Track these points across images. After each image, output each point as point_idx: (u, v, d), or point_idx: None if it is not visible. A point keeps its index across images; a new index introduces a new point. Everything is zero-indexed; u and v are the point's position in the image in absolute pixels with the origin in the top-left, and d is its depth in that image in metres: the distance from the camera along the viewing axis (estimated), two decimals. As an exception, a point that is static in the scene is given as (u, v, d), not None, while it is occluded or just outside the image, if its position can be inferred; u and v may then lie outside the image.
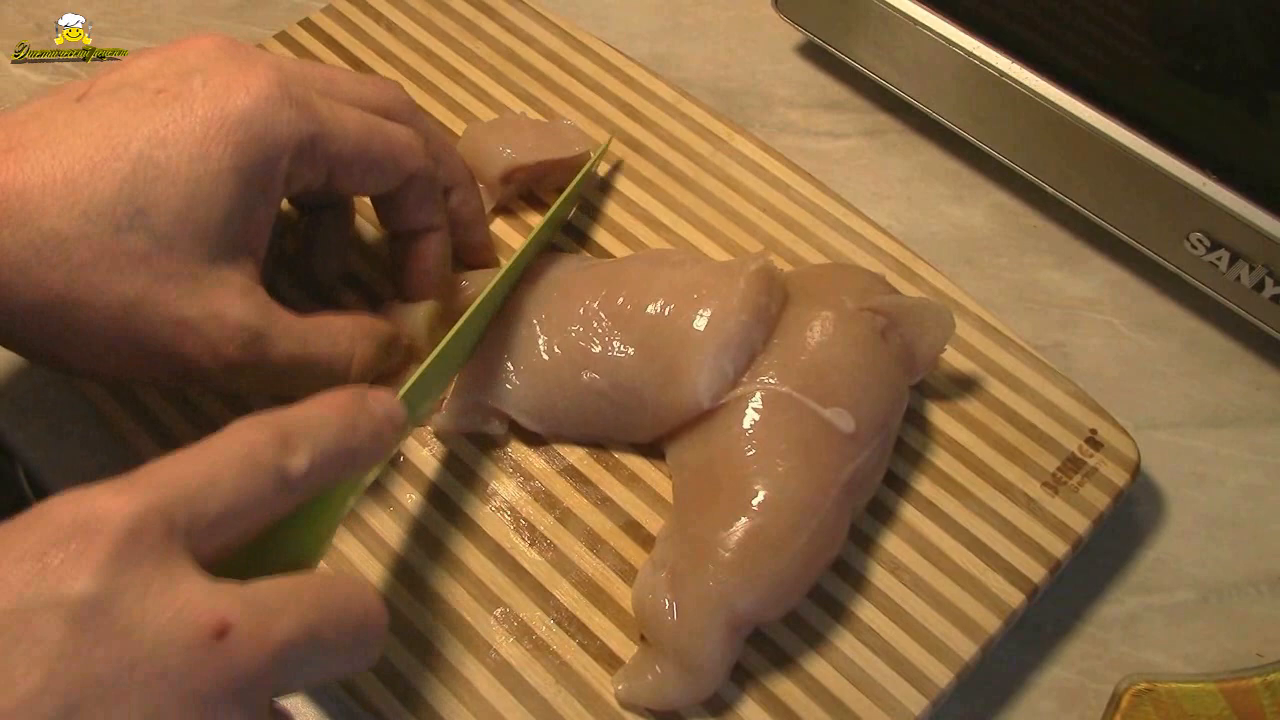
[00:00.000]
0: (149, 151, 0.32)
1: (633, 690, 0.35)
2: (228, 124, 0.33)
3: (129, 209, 0.32)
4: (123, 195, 0.32)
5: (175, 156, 0.32)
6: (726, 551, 0.35)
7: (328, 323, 0.36)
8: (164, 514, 0.24)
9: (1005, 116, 0.48)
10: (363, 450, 0.30)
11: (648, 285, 0.39)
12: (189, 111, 0.33)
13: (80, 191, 0.31)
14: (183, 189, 0.32)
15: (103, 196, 0.31)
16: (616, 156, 0.48)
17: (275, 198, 0.35)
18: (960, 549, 0.38)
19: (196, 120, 0.33)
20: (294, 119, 0.34)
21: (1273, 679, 0.37)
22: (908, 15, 0.48)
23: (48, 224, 0.31)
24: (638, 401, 0.38)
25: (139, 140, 0.32)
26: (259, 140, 0.33)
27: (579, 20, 0.52)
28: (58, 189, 0.31)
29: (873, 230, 0.46)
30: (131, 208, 0.32)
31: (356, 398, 0.30)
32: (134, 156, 0.32)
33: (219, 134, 0.33)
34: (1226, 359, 0.47)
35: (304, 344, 0.35)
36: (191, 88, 0.33)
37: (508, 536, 0.38)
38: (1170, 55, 0.44)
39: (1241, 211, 0.42)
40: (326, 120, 0.35)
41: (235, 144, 0.33)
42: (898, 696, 0.35)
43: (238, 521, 0.26)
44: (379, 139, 0.36)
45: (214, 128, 0.33)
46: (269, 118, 0.33)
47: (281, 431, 0.28)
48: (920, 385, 0.41)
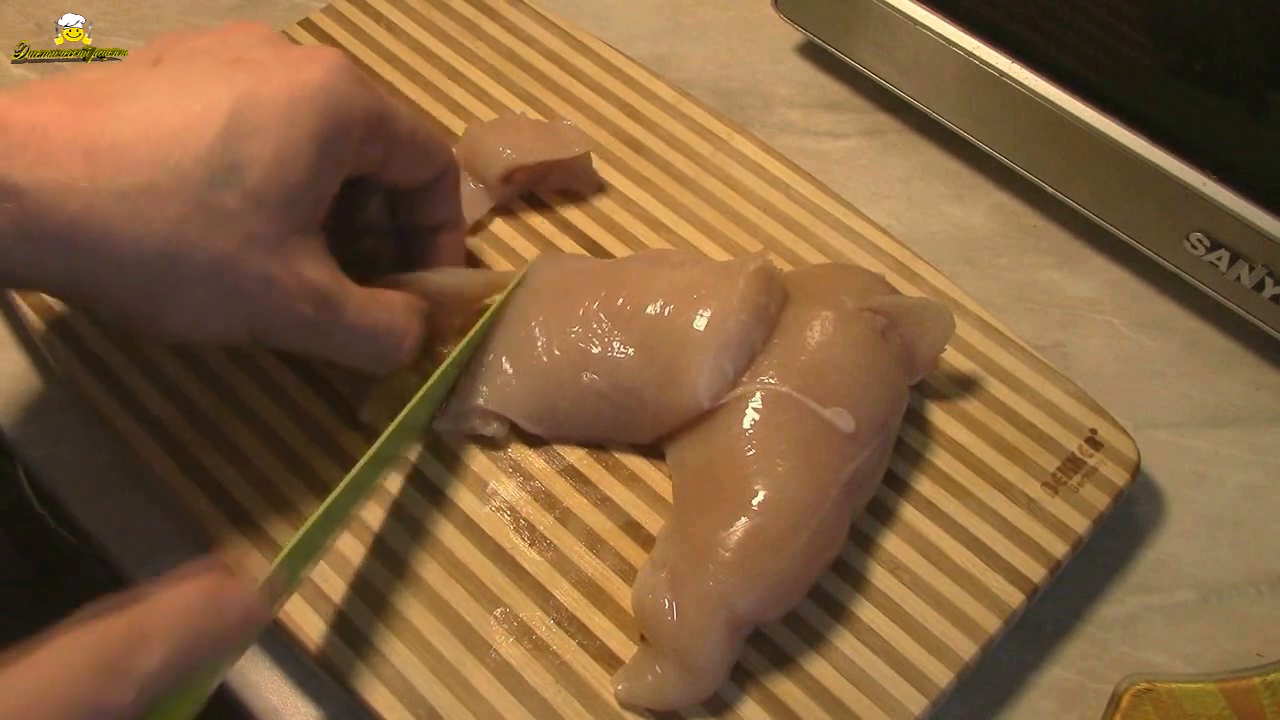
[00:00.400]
0: (242, 110, 0.32)
1: (633, 690, 0.35)
2: (310, 91, 0.33)
3: (223, 164, 0.32)
4: (215, 151, 0.32)
5: (267, 117, 0.32)
6: (726, 551, 0.35)
7: (386, 296, 0.37)
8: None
9: (1005, 116, 0.48)
10: (220, 642, 0.28)
11: (647, 285, 0.39)
12: (271, 77, 0.33)
13: (174, 145, 0.31)
14: (273, 148, 0.32)
15: (197, 151, 0.31)
16: (616, 157, 0.48)
17: (344, 170, 0.35)
18: (960, 549, 0.38)
19: (281, 86, 0.33)
20: (364, 95, 0.35)
21: (1273, 679, 0.37)
22: (908, 15, 0.48)
23: (143, 177, 0.31)
24: (638, 402, 0.38)
25: (230, 99, 0.32)
26: (336, 111, 0.34)
27: (579, 20, 0.52)
28: (151, 143, 0.31)
29: (873, 230, 0.46)
30: (225, 163, 0.32)
31: (211, 591, 0.28)
32: (226, 113, 0.32)
33: (304, 100, 0.33)
34: (1226, 359, 0.47)
35: (365, 313, 0.36)
36: (265, 58, 0.34)
37: (508, 536, 0.38)
38: (1170, 55, 0.44)
39: (1241, 211, 0.42)
40: (388, 101, 0.36)
41: (318, 110, 0.33)
42: (898, 696, 0.35)
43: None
44: (425, 126, 0.38)
45: (299, 94, 0.33)
46: (345, 90, 0.34)
47: (135, 621, 0.26)
48: (920, 385, 0.41)
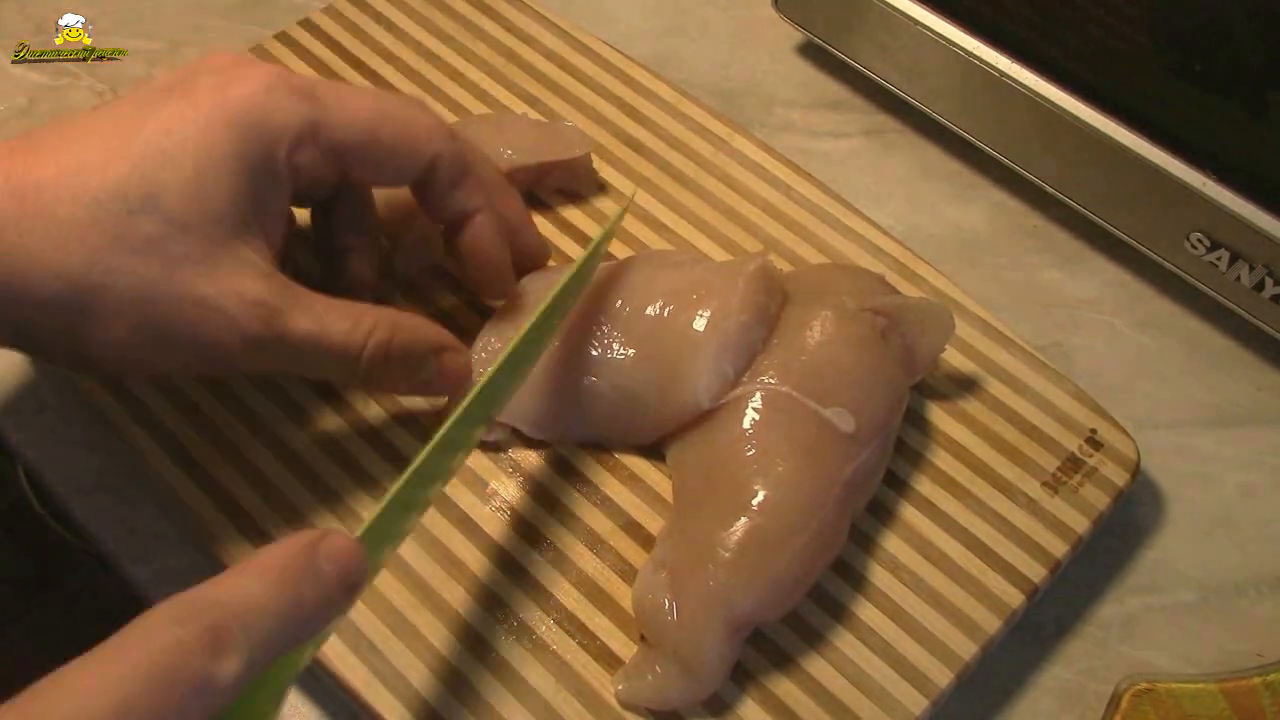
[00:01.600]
0: (156, 139, 0.33)
1: (633, 690, 0.35)
2: (227, 111, 0.34)
3: (139, 192, 0.32)
4: (132, 180, 0.32)
5: (180, 143, 0.33)
6: (727, 552, 0.35)
7: (350, 305, 0.36)
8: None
9: (1005, 116, 0.48)
10: (310, 625, 0.26)
11: (647, 288, 0.39)
12: (193, 105, 0.34)
13: (92, 178, 0.32)
14: (189, 173, 0.33)
15: (113, 181, 0.32)
16: (616, 157, 0.48)
17: (283, 185, 0.35)
18: (960, 549, 0.38)
19: (201, 111, 0.33)
20: (294, 106, 0.35)
21: (1273, 679, 0.37)
22: (908, 15, 0.48)
23: (63, 211, 0.32)
24: (639, 404, 0.38)
25: (146, 130, 0.33)
26: (258, 126, 0.34)
27: (579, 20, 0.52)
28: (71, 179, 0.32)
29: (873, 230, 0.46)
30: (141, 191, 0.32)
31: (305, 557, 0.26)
32: (142, 144, 0.33)
33: (220, 121, 0.33)
34: (1227, 359, 0.47)
35: (322, 322, 0.35)
36: (197, 84, 0.34)
37: (508, 536, 0.38)
38: (1170, 55, 0.44)
39: (1241, 211, 0.42)
40: (330, 107, 0.35)
41: (236, 130, 0.34)
42: (898, 696, 0.35)
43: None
44: (391, 123, 0.36)
45: (215, 116, 0.33)
46: (268, 105, 0.34)
47: (210, 627, 0.24)
48: (920, 385, 0.41)
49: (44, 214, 0.32)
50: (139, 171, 0.32)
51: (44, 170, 0.32)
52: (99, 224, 0.32)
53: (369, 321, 0.36)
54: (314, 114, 0.35)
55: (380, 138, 0.36)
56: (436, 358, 0.37)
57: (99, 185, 0.32)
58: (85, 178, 0.32)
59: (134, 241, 0.32)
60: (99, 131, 0.33)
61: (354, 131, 0.36)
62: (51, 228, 0.32)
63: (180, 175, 0.33)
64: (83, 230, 0.32)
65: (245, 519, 0.38)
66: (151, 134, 0.33)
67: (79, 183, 0.32)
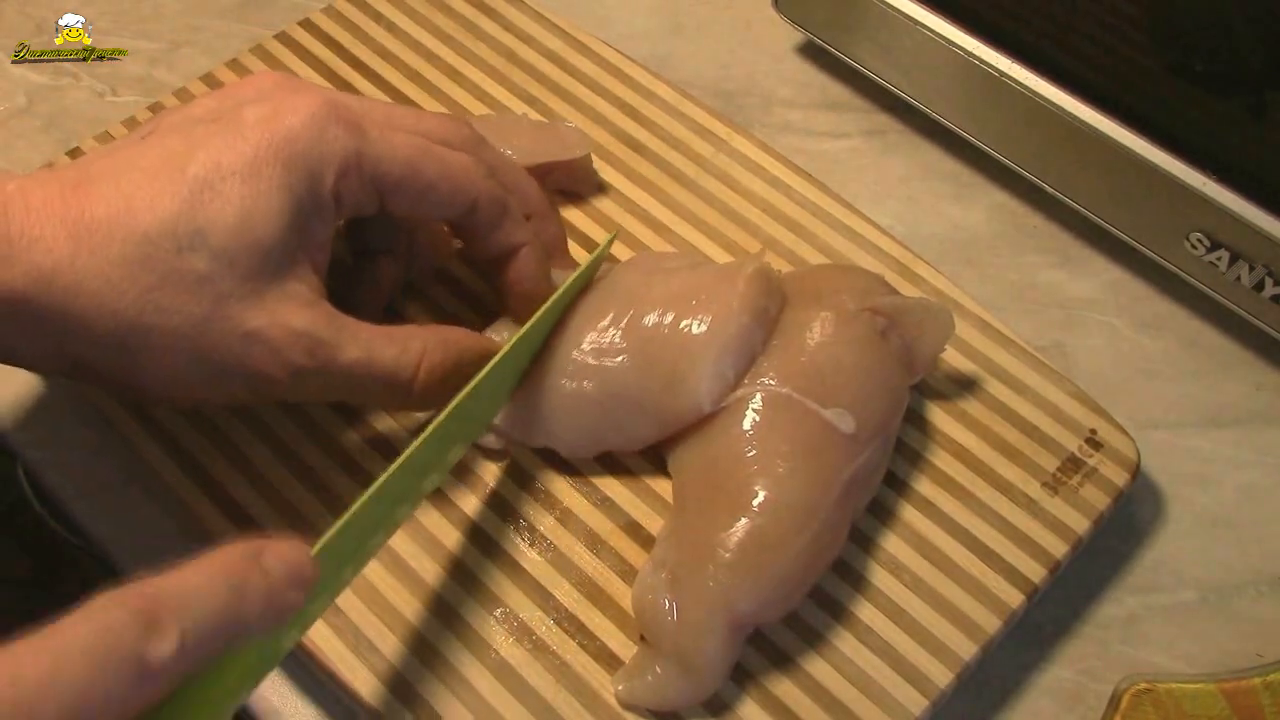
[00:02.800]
0: (203, 174, 0.33)
1: (633, 690, 0.35)
2: (275, 143, 0.34)
3: (188, 229, 0.33)
4: (182, 217, 0.33)
5: (229, 177, 0.33)
6: (727, 552, 0.35)
7: (395, 330, 0.36)
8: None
9: (1005, 116, 0.48)
10: (253, 619, 0.26)
11: (645, 293, 0.39)
12: (241, 137, 0.34)
13: (141, 216, 0.32)
14: (237, 207, 0.33)
15: (162, 219, 0.32)
16: (616, 157, 0.48)
17: (328, 215, 0.35)
18: (960, 549, 0.38)
19: (248, 144, 0.34)
20: (340, 136, 0.35)
21: (1273, 679, 0.37)
22: (908, 15, 0.48)
23: (115, 251, 0.32)
24: (638, 409, 0.38)
25: (194, 165, 0.33)
26: (304, 156, 0.34)
27: (579, 20, 0.52)
28: (121, 217, 0.32)
29: (873, 230, 0.46)
30: (190, 228, 0.33)
31: (247, 556, 0.27)
32: (190, 180, 0.33)
33: (268, 153, 0.34)
34: (1226, 359, 0.47)
35: (369, 350, 0.35)
36: (244, 116, 0.34)
37: (508, 536, 0.38)
38: (1170, 55, 0.44)
39: (1241, 211, 0.42)
40: (374, 140, 0.35)
41: (283, 161, 0.34)
42: (898, 697, 0.35)
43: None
44: (433, 162, 0.36)
45: (264, 148, 0.34)
46: (315, 135, 0.34)
47: (146, 608, 0.24)
48: (920, 385, 0.41)
49: (97, 253, 0.32)
50: (188, 208, 0.33)
51: (96, 209, 0.32)
52: (149, 262, 0.32)
53: (418, 346, 0.36)
54: (359, 145, 0.35)
55: (421, 174, 0.36)
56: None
57: (149, 223, 0.32)
58: (135, 216, 0.32)
59: (184, 279, 0.33)
60: (147, 167, 0.33)
61: (396, 165, 0.36)
62: (105, 268, 0.32)
63: (228, 211, 0.33)
64: (134, 270, 0.32)
65: (245, 519, 0.38)
66: (200, 169, 0.33)
67: (130, 221, 0.32)
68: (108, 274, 0.32)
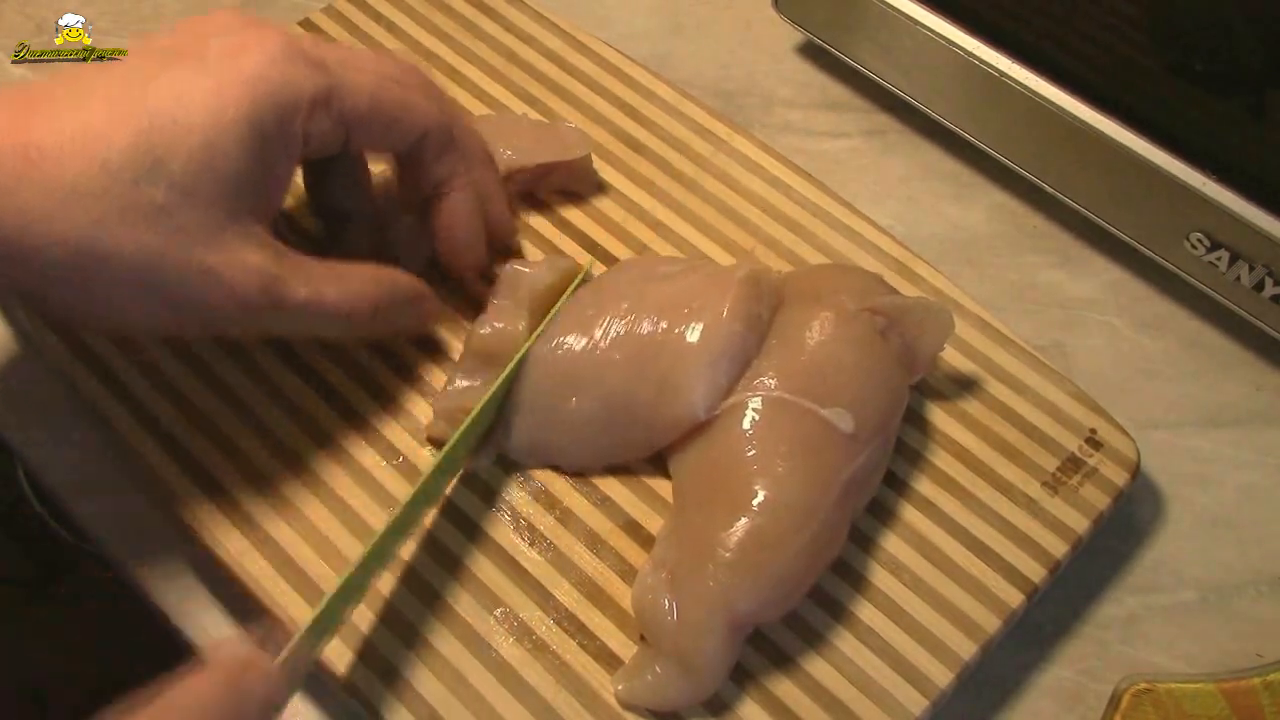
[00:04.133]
0: (165, 106, 0.32)
1: (633, 690, 0.35)
2: (242, 79, 0.33)
3: (147, 160, 0.32)
4: (140, 147, 0.32)
5: (191, 110, 0.33)
6: (727, 552, 0.35)
7: (339, 271, 0.37)
8: None
9: (1005, 116, 0.48)
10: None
11: (637, 301, 0.39)
12: (204, 69, 0.33)
13: (98, 144, 0.32)
14: (199, 141, 0.32)
15: (120, 148, 0.32)
16: (616, 157, 0.48)
17: (294, 153, 0.35)
18: (960, 549, 0.38)
19: (212, 78, 0.33)
20: (309, 75, 0.34)
21: (1273, 679, 0.37)
22: (908, 15, 0.48)
23: (68, 177, 0.31)
24: (635, 421, 0.38)
25: (155, 95, 0.33)
26: (273, 95, 0.34)
27: (579, 20, 0.52)
28: (76, 143, 0.32)
29: (873, 230, 0.46)
30: (149, 159, 0.32)
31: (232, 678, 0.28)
32: (150, 111, 0.32)
33: (233, 89, 0.33)
34: (1226, 359, 0.47)
35: (318, 288, 0.36)
36: (207, 47, 0.34)
37: (508, 536, 0.38)
38: (1170, 55, 0.44)
39: (1241, 211, 0.42)
40: (340, 77, 0.35)
41: (250, 99, 0.33)
42: (898, 696, 0.35)
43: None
44: (392, 93, 0.37)
45: (228, 83, 0.33)
46: (284, 74, 0.34)
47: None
48: (920, 385, 0.41)
49: (49, 178, 0.31)
50: (147, 138, 0.32)
51: (48, 134, 0.31)
52: (106, 192, 0.31)
53: (357, 284, 0.37)
54: (328, 82, 0.35)
55: (384, 106, 0.37)
56: (416, 306, 0.40)
57: (106, 150, 0.32)
58: (91, 144, 0.32)
59: (140, 210, 0.32)
60: (104, 92, 0.33)
61: (363, 99, 0.36)
62: (56, 192, 0.31)
63: (189, 144, 0.32)
64: (87, 200, 0.31)
65: (245, 519, 0.38)
66: (161, 99, 0.32)
67: (86, 147, 0.31)
68: (59, 199, 0.31)
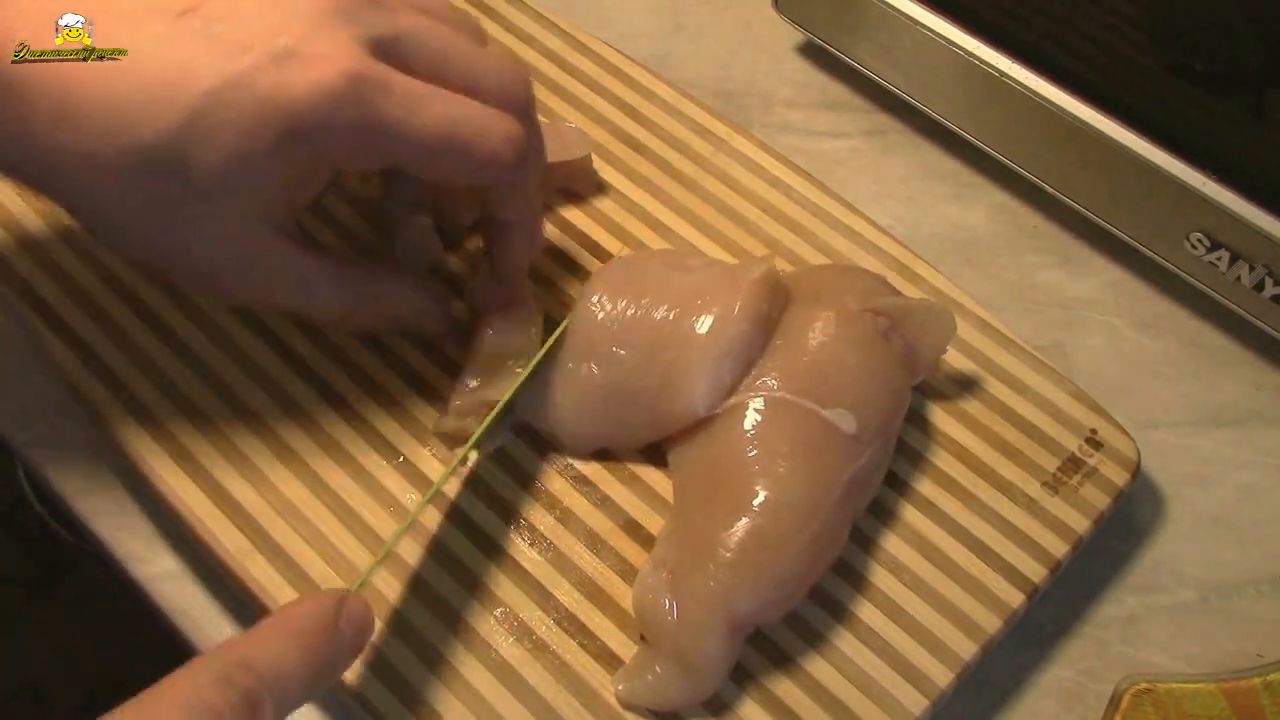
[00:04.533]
0: (202, 108, 0.32)
1: (633, 690, 0.35)
2: (280, 108, 0.32)
3: (173, 154, 0.32)
4: (165, 143, 0.32)
5: (226, 124, 0.32)
6: (727, 552, 0.35)
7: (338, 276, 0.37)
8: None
9: (1005, 116, 0.48)
10: (326, 683, 0.29)
11: (660, 287, 0.39)
12: (257, 79, 0.32)
13: (128, 122, 0.32)
14: (225, 157, 0.32)
15: (146, 136, 0.32)
16: (616, 157, 0.48)
17: (322, 177, 0.36)
18: (960, 549, 0.38)
19: (258, 92, 0.32)
20: (353, 118, 0.32)
21: (1273, 679, 0.37)
22: (908, 15, 0.48)
23: (90, 145, 0.32)
24: (637, 406, 0.38)
25: (200, 92, 0.32)
26: (306, 134, 0.32)
27: (579, 20, 0.52)
28: (109, 113, 0.32)
29: (873, 230, 0.46)
30: (176, 154, 0.32)
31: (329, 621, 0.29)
32: (191, 107, 0.32)
33: (279, 113, 0.32)
34: (1226, 359, 0.47)
35: (310, 293, 0.37)
36: (272, 50, 0.32)
37: (508, 536, 0.38)
38: (1170, 55, 0.44)
39: (1241, 211, 0.42)
40: (395, 121, 0.33)
41: (283, 131, 0.32)
42: (898, 696, 0.35)
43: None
44: (461, 140, 0.34)
45: (268, 108, 0.32)
46: (324, 113, 0.32)
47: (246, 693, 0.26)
48: (921, 385, 0.41)
49: (76, 140, 0.32)
50: (176, 137, 0.32)
51: (91, 89, 0.32)
52: (122, 170, 0.32)
53: (352, 299, 0.38)
54: (379, 126, 0.33)
55: (444, 153, 0.34)
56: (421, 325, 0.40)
57: (133, 135, 0.32)
58: (122, 119, 0.32)
59: (150, 195, 0.33)
60: (163, 62, 0.32)
61: (416, 144, 0.34)
62: (79, 155, 0.32)
63: (217, 153, 0.32)
64: (103, 171, 0.32)
65: (245, 518, 0.38)
66: (204, 100, 0.31)
67: (115, 122, 0.32)
68: (77, 163, 0.32)
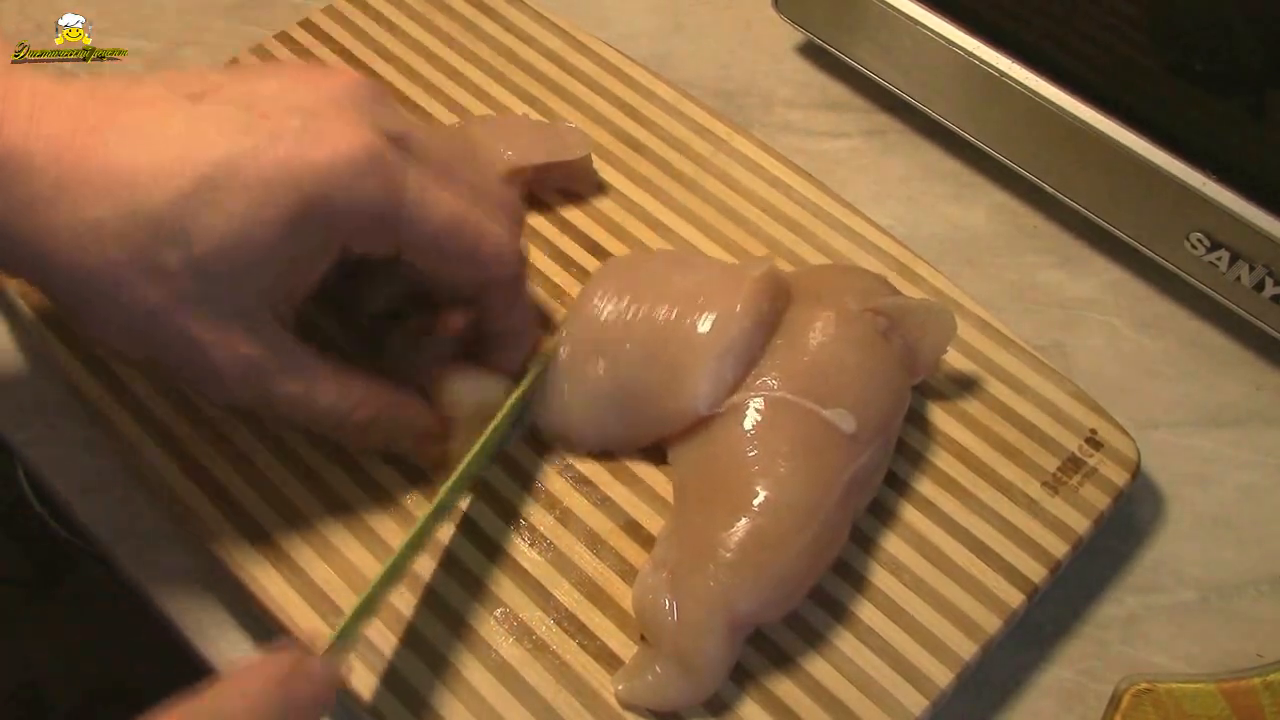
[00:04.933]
0: (215, 175, 0.31)
1: (633, 690, 0.35)
2: (296, 177, 0.31)
3: (175, 226, 0.31)
4: (173, 210, 0.31)
5: (237, 192, 0.31)
6: (727, 552, 0.35)
7: (344, 377, 0.36)
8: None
9: (1005, 116, 0.48)
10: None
11: (663, 285, 0.39)
12: (270, 147, 0.31)
13: (135, 191, 0.31)
14: (233, 227, 0.31)
15: (153, 204, 0.31)
16: (616, 157, 0.48)
17: (331, 255, 0.34)
18: (960, 549, 0.38)
19: (271, 161, 0.31)
20: (371, 191, 0.32)
21: (1273, 679, 0.37)
22: (908, 15, 0.48)
23: (94, 213, 0.31)
24: (638, 403, 0.38)
25: (211, 162, 0.31)
26: (323, 205, 0.32)
27: (579, 20, 0.52)
28: (116, 183, 0.31)
29: (873, 230, 0.46)
30: (177, 225, 0.31)
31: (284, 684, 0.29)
32: (196, 176, 0.31)
33: (285, 185, 0.31)
34: (1226, 359, 0.47)
35: (310, 389, 0.35)
36: (286, 125, 0.32)
37: (508, 536, 0.38)
38: (1170, 55, 0.44)
39: (1241, 211, 0.42)
40: (410, 202, 0.33)
41: (297, 201, 0.31)
42: (898, 696, 0.35)
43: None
44: (468, 237, 0.34)
45: (283, 175, 0.31)
46: (343, 184, 0.32)
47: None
48: (921, 385, 0.41)
49: (80, 206, 0.31)
50: (182, 207, 0.31)
51: (96, 162, 0.31)
52: (124, 238, 0.31)
53: (356, 397, 0.36)
54: (391, 208, 0.33)
55: (449, 247, 0.34)
56: (416, 441, 0.38)
57: (138, 202, 0.31)
58: (129, 187, 0.31)
59: (149, 266, 0.31)
60: (170, 136, 0.32)
61: (426, 231, 0.34)
62: (79, 223, 0.31)
63: (222, 223, 0.31)
64: (106, 239, 0.31)
65: (245, 518, 0.38)
66: (212, 169, 0.31)
67: (122, 191, 0.31)
68: (80, 231, 0.31)
